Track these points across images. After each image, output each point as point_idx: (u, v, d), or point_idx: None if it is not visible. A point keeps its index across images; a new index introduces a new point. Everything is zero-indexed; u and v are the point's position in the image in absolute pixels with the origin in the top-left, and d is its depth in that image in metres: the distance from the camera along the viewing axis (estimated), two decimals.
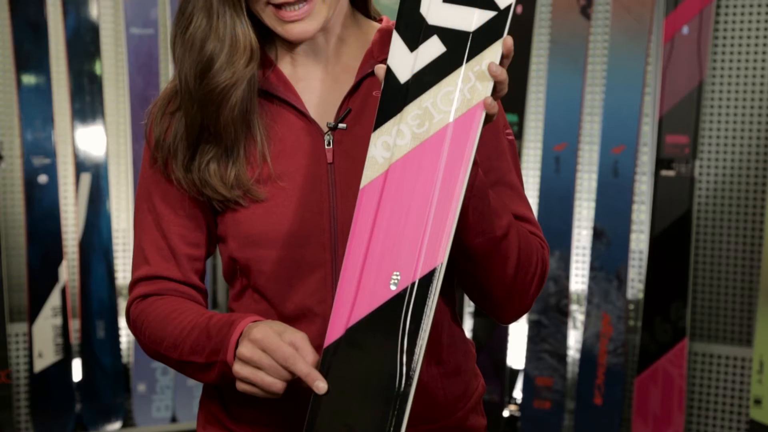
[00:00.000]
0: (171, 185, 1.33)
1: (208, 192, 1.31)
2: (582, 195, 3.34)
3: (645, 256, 3.23)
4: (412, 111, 1.19)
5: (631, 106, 3.19)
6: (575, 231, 3.32)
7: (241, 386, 1.21)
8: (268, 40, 1.34)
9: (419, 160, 1.18)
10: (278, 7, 1.26)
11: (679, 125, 3.17)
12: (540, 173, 3.31)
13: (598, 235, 3.25)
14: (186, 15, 1.28)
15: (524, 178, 1.41)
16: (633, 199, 3.22)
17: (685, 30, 3.13)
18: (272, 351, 1.18)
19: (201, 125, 1.29)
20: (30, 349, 3.32)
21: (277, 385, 1.18)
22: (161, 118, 1.33)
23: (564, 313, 3.31)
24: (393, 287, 1.17)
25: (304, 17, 1.27)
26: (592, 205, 3.29)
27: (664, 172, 3.19)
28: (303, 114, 1.32)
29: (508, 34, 1.18)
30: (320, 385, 1.16)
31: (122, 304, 3.44)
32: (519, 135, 3.30)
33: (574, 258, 3.33)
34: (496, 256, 1.26)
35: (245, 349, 1.19)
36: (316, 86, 1.34)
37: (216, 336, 1.25)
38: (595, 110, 3.31)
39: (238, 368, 1.20)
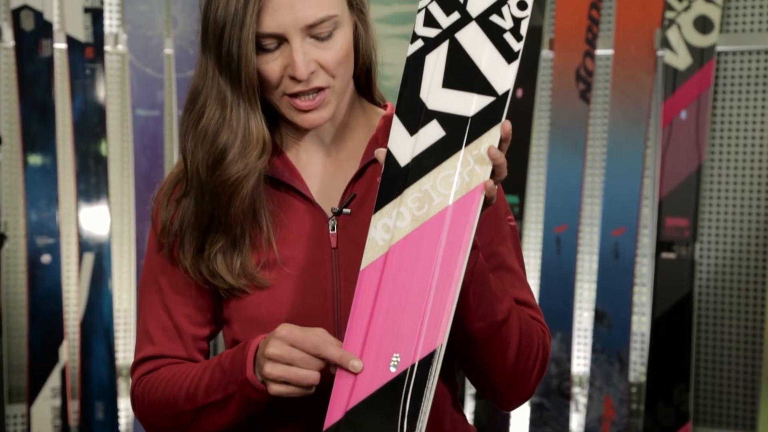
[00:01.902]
0: (177, 269, 1.34)
1: (217, 282, 1.32)
2: (583, 276, 3.34)
3: (647, 338, 3.22)
4: (411, 194, 1.21)
5: (630, 189, 3.22)
6: (576, 313, 3.32)
7: (274, 389, 1.20)
8: (274, 125, 1.36)
9: (419, 242, 1.19)
10: (293, 96, 1.29)
11: (679, 208, 3.19)
12: (541, 254, 3.32)
13: (599, 317, 3.25)
14: (198, 107, 1.30)
15: (525, 259, 1.42)
16: (634, 281, 3.22)
17: (684, 115, 3.18)
18: (300, 342, 1.18)
19: (211, 216, 1.30)
20: (28, 430, 3.29)
21: (312, 375, 1.18)
22: (167, 204, 1.35)
23: (566, 396, 3.29)
24: (393, 369, 1.17)
25: (318, 105, 1.29)
26: (593, 286, 3.30)
27: (665, 255, 3.20)
28: (308, 199, 1.34)
29: (507, 118, 1.20)
30: (356, 364, 1.17)
31: (122, 385, 3.42)
32: (520, 216, 3.32)
33: (575, 340, 3.32)
34: (496, 341, 1.26)
35: (274, 348, 1.19)
36: (321, 171, 1.36)
37: (230, 366, 1.25)
38: (596, 192, 3.33)
39: (270, 369, 1.19)
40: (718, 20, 3.14)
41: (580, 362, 3.33)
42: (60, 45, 3.33)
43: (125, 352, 3.49)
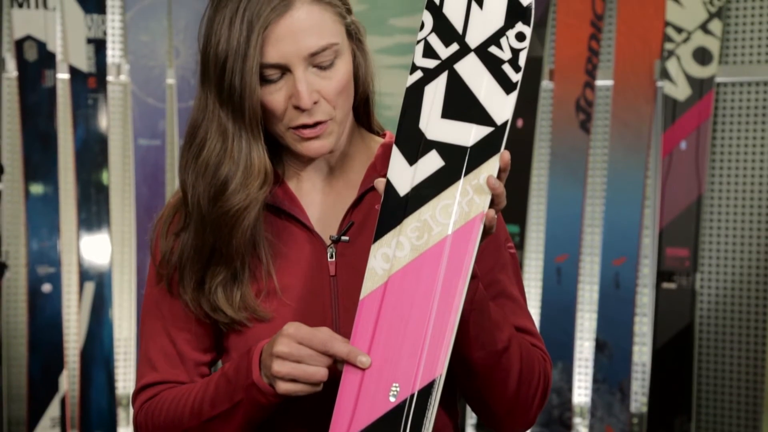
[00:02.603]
0: (177, 300, 1.35)
1: (218, 317, 1.32)
2: (584, 306, 3.34)
3: (648, 368, 3.21)
4: (411, 223, 1.21)
5: (631, 219, 3.22)
6: (577, 343, 3.31)
7: (282, 387, 1.20)
8: (276, 156, 1.37)
9: (418, 272, 1.19)
10: (297, 127, 1.30)
11: (679, 238, 3.19)
12: (541, 284, 3.32)
13: (600, 347, 3.24)
14: (198, 141, 1.30)
15: (526, 289, 1.42)
16: (635, 311, 3.22)
17: (683, 145, 3.19)
18: (308, 340, 1.19)
19: (212, 248, 1.31)
20: None
21: (320, 371, 1.19)
22: (166, 234, 1.35)
23: (567, 426, 3.27)
24: (392, 399, 1.17)
25: (321, 133, 1.30)
26: (594, 316, 3.29)
27: (665, 285, 3.19)
28: (307, 227, 1.34)
29: (507, 148, 1.21)
30: (363, 359, 1.17)
31: (122, 415, 3.41)
32: (520, 246, 3.32)
33: (576, 370, 3.31)
34: (497, 370, 1.27)
35: (282, 346, 1.19)
36: (320, 200, 1.37)
37: (235, 374, 1.25)
38: (596, 222, 3.34)
39: (278, 367, 1.19)
40: (717, 52, 3.16)
41: (581, 392, 3.32)
42: (63, 75, 3.35)
43: (125, 381, 3.48)
